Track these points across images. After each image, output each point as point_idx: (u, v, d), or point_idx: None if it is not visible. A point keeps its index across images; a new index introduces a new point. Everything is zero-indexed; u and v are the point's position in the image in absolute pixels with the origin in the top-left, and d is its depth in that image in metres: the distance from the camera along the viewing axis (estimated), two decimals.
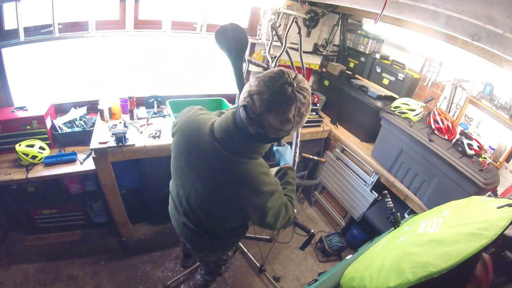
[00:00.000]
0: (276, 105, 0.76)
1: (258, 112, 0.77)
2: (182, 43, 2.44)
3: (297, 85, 0.78)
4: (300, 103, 0.78)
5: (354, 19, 2.77)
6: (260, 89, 0.77)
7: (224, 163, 0.88)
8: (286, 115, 0.77)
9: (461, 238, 0.83)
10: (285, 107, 0.76)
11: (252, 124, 0.80)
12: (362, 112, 2.42)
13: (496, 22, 1.07)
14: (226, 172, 0.89)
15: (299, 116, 0.80)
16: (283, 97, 0.76)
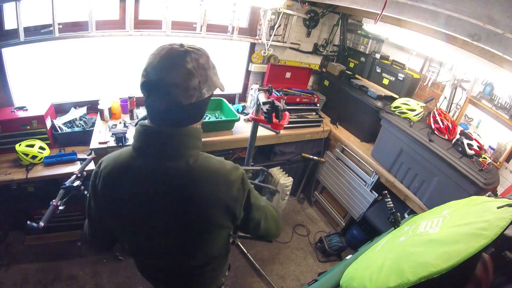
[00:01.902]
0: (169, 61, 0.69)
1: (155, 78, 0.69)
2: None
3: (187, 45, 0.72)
4: (194, 54, 0.71)
5: (354, 19, 2.77)
6: (150, 60, 0.71)
7: (172, 175, 0.74)
8: (184, 67, 0.69)
9: (461, 238, 0.83)
10: (179, 61, 0.69)
11: (157, 97, 0.70)
12: (362, 112, 2.42)
13: (496, 22, 1.07)
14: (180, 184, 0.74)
15: (202, 68, 0.71)
16: (173, 54, 0.70)
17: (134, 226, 0.83)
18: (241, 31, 2.45)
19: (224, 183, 0.77)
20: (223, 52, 2.63)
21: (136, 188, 0.76)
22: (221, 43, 2.51)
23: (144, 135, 0.75)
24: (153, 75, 0.69)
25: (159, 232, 0.82)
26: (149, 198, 0.76)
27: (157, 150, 0.74)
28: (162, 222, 0.79)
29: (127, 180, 0.76)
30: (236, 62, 2.75)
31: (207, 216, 0.78)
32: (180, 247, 0.85)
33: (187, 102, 0.70)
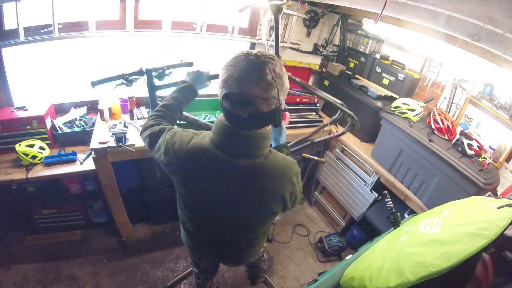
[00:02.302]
0: (250, 74, 0.75)
1: (239, 91, 0.75)
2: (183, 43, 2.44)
3: (260, 54, 0.78)
4: (271, 64, 0.77)
5: (354, 19, 2.77)
6: (230, 72, 0.77)
7: (244, 171, 0.86)
8: (265, 79, 0.75)
9: (461, 238, 0.83)
10: (260, 73, 0.75)
11: (240, 107, 0.78)
12: (362, 112, 2.40)
13: (496, 22, 1.07)
14: (250, 179, 0.87)
15: (279, 77, 0.78)
16: (252, 66, 0.75)
17: (198, 202, 0.99)
18: (241, 31, 2.45)
19: (286, 178, 0.90)
20: (223, 52, 2.64)
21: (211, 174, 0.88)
22: (221, 43, 2.51)
23: (224, 133, 0.85)
24: (236, 88, 0.76)
25: (220, 216, 0.98)
26: (218, 186, 0.89)
27: (234, 148, 0.85)
28: (225, 209, 0.95)
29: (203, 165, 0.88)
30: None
31: (267, 206, 0.92)
32: (236, 226, 1.03)
33: (267, 110, 0.79)
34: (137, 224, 2.41)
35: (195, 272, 1.55)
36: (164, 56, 2.46)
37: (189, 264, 2.17)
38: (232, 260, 1.32)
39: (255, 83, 0.75)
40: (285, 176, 0.90)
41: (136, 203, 2.27)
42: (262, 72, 0.75)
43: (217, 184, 0.89)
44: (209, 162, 0.87)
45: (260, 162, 0.85)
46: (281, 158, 0.90)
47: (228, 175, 0.87)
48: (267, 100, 0.77)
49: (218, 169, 0.87)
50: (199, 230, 1.13)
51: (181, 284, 2.04)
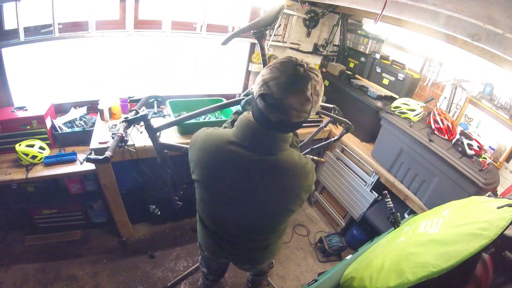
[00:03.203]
0: (294, 85, 0.77)
1: (277, 96, 0.77)
2: (183, 43, 2.44)
3: (307, 66, 0.80)
4: (314, 81, 0.79)
5: (354, 19, 2.77)
6: (274, 75, 0.78)
7: (263, 167, 0.88)
8: (305, 94, 0.77)
9: (461, 238, 0.83)
10: (302, 86, 0.77)
11: (273, 111, 0.79)
12: (362, 112, 2.41)
13: (496, 22, 1.07)
14: (269, 175, 0.89)
15: (316, 95, 0.80)
16: (298, 78, 0.77)
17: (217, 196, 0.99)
18: None
19: (303, 174, 0.91)
20: (223, 52, 2.64)
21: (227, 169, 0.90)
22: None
23: (249, 130, 0.87)
24: (276, 93, 0.77)
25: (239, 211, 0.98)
26: (237, 179, 0.90)
27: (256, 146, 0.87)
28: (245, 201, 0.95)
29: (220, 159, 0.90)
30: (236, 62, 2.75)
31: (285, 201, 0.94)
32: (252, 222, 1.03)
33: (296, 121, 0.82)
34: (137, 224, 2.41)
35: (204, 272, 1.53)
36: (164, 56, 2.46)
37: (190, 263, 2.17)
38: (248, 261, 1.29)
39: (295, 95, 0.77)
40: (302, 172, 0.91)
41: (136, 203, 2.27)
42: (304, 87, 0.77)
43: (233, 175, 0.90)
44: (226, 156, 0.89)
45: (276, 158, 0.88)
46: (296, 156, 0.92)
47: (244, 167, 0.88)
48: (300, 112, 0.79)
49: (233, 160, 0.88)
50: (218, 227, 1.13)
51: (181, 284, 2.04)
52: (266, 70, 0.81)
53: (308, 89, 0.77)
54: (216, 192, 0.98)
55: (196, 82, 2.70)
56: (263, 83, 0.79)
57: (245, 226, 1.06)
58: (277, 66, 0.79)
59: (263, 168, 0.88)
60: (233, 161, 0.88)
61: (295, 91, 0.77)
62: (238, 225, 1.06)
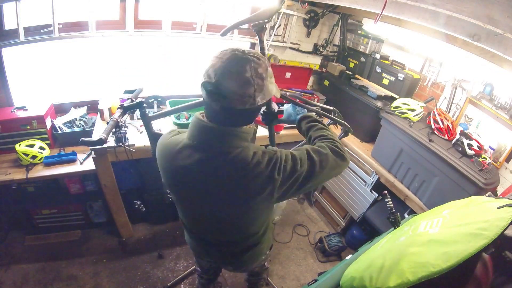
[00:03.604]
0: (230, 68, 0.75)
1: (215, 81, 0.75)
2: (183, 43, 2.44)
3: (248, 52, 0.78)
4: (254, 63, 0.76)
5: (354, 19, 2.77)
6: (213, 62, 0.78)
7: (215, 165, 0.83)
8: (243, 75, 0.75)
9: (461, 238, 0.83)
10: (239, 68, 0.75)
11: (214, 98, 0.77)
12: (362, 112, 2.41)
13: (496, 22, 1.07)
14: (220, 175, 0.83)
15: (259, 78, 0.77)
16: (235, 61, 0.75)
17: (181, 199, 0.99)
18: (241, 31, 2.45)
19: (248, 176, 0.82)
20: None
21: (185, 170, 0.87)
22: (221, 43, 2.51)
23: (198, 129, 0.84)
24: (213, 78, 0.75)
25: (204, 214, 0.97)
26: (194, 182, 0.87)
27: (205, 143, 0.83)
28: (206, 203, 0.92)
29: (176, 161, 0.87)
30: None
31: (238, 205, 0.89)
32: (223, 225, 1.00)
33: (240, 107, 0.77)
34: (137, 224, 2.41)
35: (198, 271, 1.55)
36: (164, 56, 2.46)
37: (190, 263, 2.17)
38: (231, 263, 1.27)
39: (232, 77, 0.75)
40: (251, 173, 0.82)
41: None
42: (242, 68, 0.75)
43: (192, 180, 0.88)
44: (177, 159, 0.87)
45: (230, 157, 0.82)
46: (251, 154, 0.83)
47: (200, 170, 0.85)
48: (241, 97, 0.76)
49: (191, 165, 0.85)
50: (194, 228, 1.13)
51: (181, 284, 2.04)
52: (208, 61, 0.80)
53: (246, 71, 0.75)
54: (181, 195, 0.99)
55: (196, 82, 2.70)
56: (204, 73, 0.79)
57: (216, 227, 1.04)
58: (216, 55, 0.79)
59: (216, 168, 0.83)
60: (187, 165, 0.85)
61: (232, 73, 0.75)
62: (209, 226, 1.04)
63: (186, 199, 0.98)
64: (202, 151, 0.83)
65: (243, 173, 0.82)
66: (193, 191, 0.91)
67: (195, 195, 0.92)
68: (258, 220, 1.03)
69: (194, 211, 1.01)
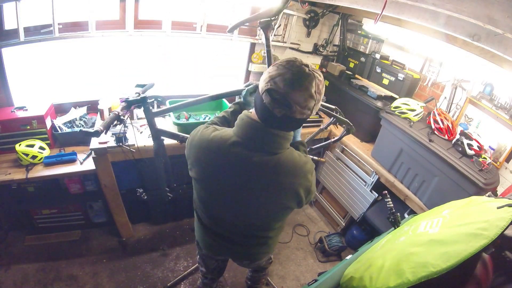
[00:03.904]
0: (299, 82, 0.80)
1: (283, 91, 0.80)
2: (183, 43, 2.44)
3: (311, 67, 0.84)
4: (318, 80, 0.83)
5: (354, 19, 2.77)
6: (281, 72, 0.81)
7: (264, 167, 0.89)
8: (309, 90, 0.81)
9: (461, 238, 0.83)
10: (307, 83, 0.80)
11: (278, 106, 0.81)
12: (362, 112, 2.42)
13: (496, 22, 1.07)
14: (269, 174, 0.90)
15: (319, 93, 0.84)
16: (304, 75, 0.81)
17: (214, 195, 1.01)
18: (241, 31, 2.45)
19: (301, 174, 0.92)
20: (223, 52, 2.64)
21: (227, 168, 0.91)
22: (221, 43, 2.51)
23: (250, 128, 0.88)
24: (282, 88, 0.80)
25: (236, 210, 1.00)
26: (235, 179, 0.92)
27: (256, 144, 0.88)
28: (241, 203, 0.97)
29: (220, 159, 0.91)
30: (236, 62, 2.75)
31: (282, 200, 0.95)
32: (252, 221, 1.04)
33: (299, 117, 0.84)
34: (137, 224, 2.41)
35: (203, 271, 1.54)
36: (164, 56, 2.46)
37: (190, 263, 2.17)
38: (246, 258, 1.31)
39: (300, 90, 0.80)
40: (300, 171, 0.92)
41: (136, 203, 2.27)
42: (309, 84, 0.81)
43: (234, 176, 0.92)
44: (228, 154, 0.90)
45: (278, 158, 0.89)
46: (297, 155, 0.94)
47: (245, 168, 0.89)
48: (303, 108, 0.82)
49: (235, 162, 0.90)
50: (215, 224, 1.13)
51: (181, 284, 2.04)
52: (273, 67, 0.84)
53: (312, 86, 0.81)
54: (215, 192, 1.00)
55: (196, 82, 2.70)
56: (269, 79, 0.82)
57: (243, 224, 1.07)
58: (283, 64, 0.83)
59: (264, 168, 0.89)
60: (236, 163, 0.90)
61: (300, 86, 0.80)
62: (236, 224, 1.07)
63: (220, 196, 1.00)
64: (253, 150, 0.88)
65: (293, 171, 0.90)
66: (232, 189, 0.95)
67: (233, 192, 0.96)
68: (283, 218, 1.12)
69: (223, 208, 1.03)
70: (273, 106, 0.82)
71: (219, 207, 1.05)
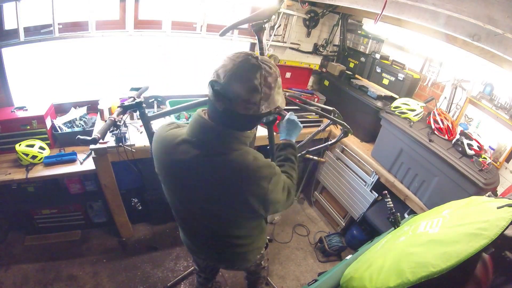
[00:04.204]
0: (240, 72, 0.75)
1: (223, 82, 0.75)
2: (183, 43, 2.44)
3: (261, 59, 0.78)
4: (265, 71, 0.76)
5: (354, 19, 2.77)
6: (224, 63, 0.77)
7: (211, 165, 0.83)
8: (252, 81, 0.75)
9: (461, 238, 0.83)
10: (249, 74, 0.75)
11: (219, 99, 0.78)
12: (362, 112, 2.42)
13: (496, 22, 1.07)
14: (217, 175, 0.84)
15: (267, 87, 0.77)
16: (246, 66, 0.76)
17: (173, 193, 0.99)
18: (241, 31, 2.45)
19: (250, 179, 0.82)
20: (223, 52, 2.63)
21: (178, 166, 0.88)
22: (221, 43, 2.51)
23: (198, 126, 0.84)
24: (222, 79, 0.75)
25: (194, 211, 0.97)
26: (186, 179, 0.88)
27: (204, 142, 0.83)
28: (198, 201, 0.92)
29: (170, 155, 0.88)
30: None
31: (232, 207, 0.88)
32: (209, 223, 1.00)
33: (243, 112, 0.78)
34: (137, 224, 2.41)
35: (196, 270, 1.55)
36: (164, 56, 2.46)
37: (190, 263, 2.17)
38: (221, 262, 1.26)
39: (241, 82, 0.75)
40: (252, 176, 0.82)
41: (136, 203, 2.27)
42: (252, 75, 0.75)
43: (184, 175, 0.89)
44: (176, 152, 0.87)
45: (225, 158, 0.83)
46: (251, 158, 0.84)
47: (194, 167, 0.85)
48: (246, 102, 0.76)
49: (183, 160, 0.86)
50: (183, 223, 1.12)
51: (181, 284, 2.04)
52: (220, 60, 0.80)
53: (256, 78, 0.75)
54: (172, 189, 0.99)
55: (196, 82, 2.70)
56: (214, 72, 0.79)
57: (205, 226, 1.03)
58: (230, 56, 0.79)
59: (212, 168, 0.83)
60: (184, 161, 0.86)
61: (241, 77, 0.75)
62: (199, 224, 1.04)
63: (178, 193, 0.98)
64: (200, 148, 0.83)
65: (240, 175, 0.82)
66: (186, 186, 0.91)
67: (187, 190, 0.92)
68: (248, 222, 1.04)
69: (185, 206, 1.01)
70: (215, 99, 0.78)
71: (180, 206, 1.02)
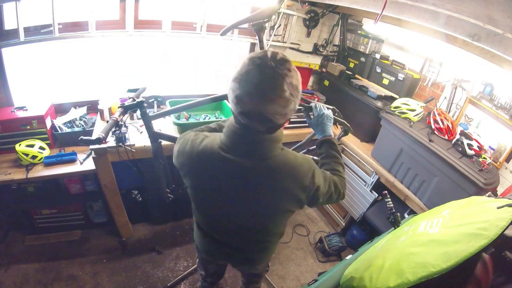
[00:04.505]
0: (268, 92, 0.72)
1: (257, 111, 0.73)
2: (183, 43, 2.44)
3: (274, 63, 0.72)
4: (287, 77, 0.72)
5: (354, 19, 2.77)
6: (244, 89, 0.73)
7: (258, 173, 0.85)
8: (283, 96, 0.72)
9: (461, 238, 0.83)
10: (277, 90, 0.71)
11: (259, 123, 0.77)
12: (362, 112, 2.42)
13: (496, 22, 1.07)
14: (264, 180, 0.86)
15: (295, 90, 0.75)
16: (269, 81, 0.71)
17: (209, 204, 0.98)
18: (241, 31, 2.45)
19: (295, 176, 0.87)
20: (223, 52, 2.64)
21: (220, 176, 0.87)
22: (221, 43, 2.51)
23: (236, 136, 0.83)
24: (253, 107, 0.73)
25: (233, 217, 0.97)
26: (227, 187, 0.89)
27: (244, 151, 0.84)
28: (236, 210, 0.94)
29: (212, 167, 0.88)
30: (236, 62, 2.75)
31: (278, 205, 0.91)
32: (249, 227, 1.01)
33: (283, 122, 0.80)
34: (137, 224, 2.41)
35: (202, 275, 1.52)
36: (164, 56, 2.46)
37: (190, 263, 2.17)
38: (246, 263, 1.27)
39: (274, 101, 0.72)
40: (297, 173, 0.87)
41: (136, 203, 2.26)
42: (280, 90, 0.71)
43: (228, 184, 0.89)
44: (219, 164, 0.86)
45: (270, 162, 0.85)
46: (292, 156, 0.88)
47: (239, 175, 0.86)
48: (285, 115, 0.77)
49: (228, 169, 0.86)
50: (213, 231, 1.12)
51: (181, 284, 2.04)
52: (235, 84, 0.74)
53: (285, 90, 0.72)
54: (210, 199, 0.97)
55: (196, 82, 2.71)
56: (237, 101, 0.74)
57: (242, 231, 1.04)
58: (243, 78, 0.73)
59: (257, 174, 0.85)
60: (228, 170, 0.86)
61: (272, 97, 0.72)
62: (235, 230, 1.04)
63: (216, 203, 0.96)
64: (243, 156, 0.84)
65: (287, 173, 0.86)
66: (227, 196, 0.91)
67: (228, 200, 0.92)
68: (283, 221, 1.07)
69: (220, 215, 1.00)
70: (254, 124, 0.78)
71: (216, 214, 1.02)
